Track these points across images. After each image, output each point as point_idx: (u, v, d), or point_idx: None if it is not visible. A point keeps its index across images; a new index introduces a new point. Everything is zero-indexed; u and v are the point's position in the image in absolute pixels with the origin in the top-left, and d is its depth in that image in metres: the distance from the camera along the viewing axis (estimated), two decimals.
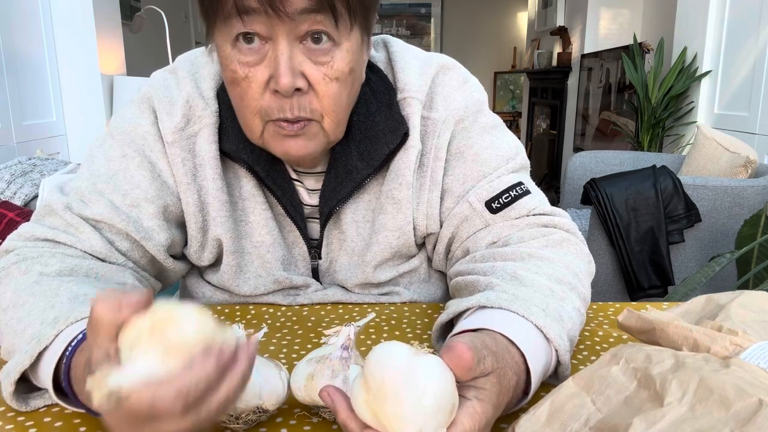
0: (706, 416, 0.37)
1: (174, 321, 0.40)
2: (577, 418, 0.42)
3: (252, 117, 0.64)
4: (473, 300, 0.58)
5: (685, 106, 3.20)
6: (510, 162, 0.75)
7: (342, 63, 0.62)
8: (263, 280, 0.77)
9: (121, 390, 0.38)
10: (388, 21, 7.54)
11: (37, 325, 0.54)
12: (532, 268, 0.63)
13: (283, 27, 0.59)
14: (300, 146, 0.65)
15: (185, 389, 0.38)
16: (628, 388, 0.43)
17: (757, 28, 2.61)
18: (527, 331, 0.53)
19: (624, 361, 0.45)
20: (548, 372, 0.55)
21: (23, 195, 1.86)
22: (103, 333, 0.40)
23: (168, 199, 0.73)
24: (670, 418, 0.37)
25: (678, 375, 0.40)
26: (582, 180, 2.70)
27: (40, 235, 0.67)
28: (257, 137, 0.66)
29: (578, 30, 4.67)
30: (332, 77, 0.62)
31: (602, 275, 2.11)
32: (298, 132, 0.64)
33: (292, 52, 0.60)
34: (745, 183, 2.01)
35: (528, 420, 0.43)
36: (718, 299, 0.60)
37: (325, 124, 0.65)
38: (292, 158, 0.68)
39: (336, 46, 0.62)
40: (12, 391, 0.51)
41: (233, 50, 0.61)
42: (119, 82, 3.02)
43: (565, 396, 0.44)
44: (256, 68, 0.61)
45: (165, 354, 0.39)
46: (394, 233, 0.75)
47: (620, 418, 0.40)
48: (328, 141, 0.68)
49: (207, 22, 0.63)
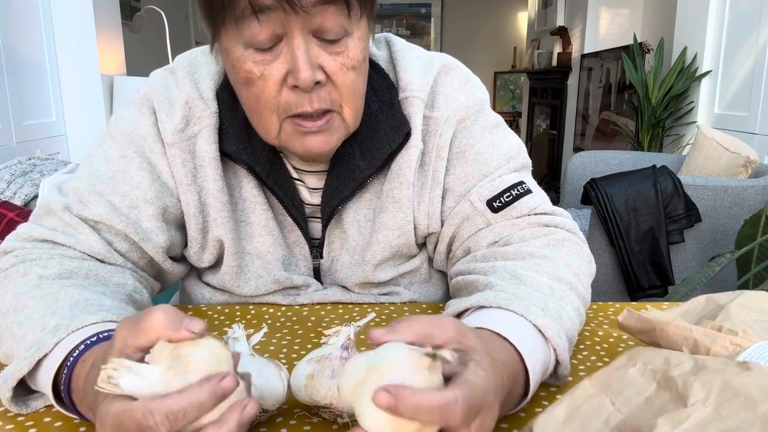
0: (732, 417, 0.37)
1: (195, 344, 0.41)
2: (597, 418, 0.42)
3: (269, 115, 0.64)
4: (472, 300, 0.58)
5: (685, 106, 3.20)
6: (511, 161, 0.75)
7: (356, 51, 0.62)
8: (264, 281, 0.77)
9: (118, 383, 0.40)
10: (388, 21, 7.54)
11: (38, 331, 0.53)
12: (532, 267, 0.62)
13: (298, 21, 0.59)
14: (322, 142, 0.66)
15: (174, 412, 0.38)
16: (647, 390, 0.43)
17: (757, 28, 2.61)
18: (525, 331, 0.53)
19: (641, 363, 0.45)
20: (547, 371, 0.55)
21: (23, 195, 1.86)
22: (144, 340, 0.41)
23: (167, 201, 0.72)
24: (695, 419, 0.37)
25: (700, 377, 0.40)
26: (582, 180, 2.70)
27: (38, 236, 0.67)
28: (273, 137, 0.66)
29: (578, 30, 4.67)
30: (349, 66, 0.62)
31: (602, 275, 2.11)
32: (320, 128, 0.64)
33: (308, 45, 0.60)
34: (745, 183, 2.01)
35: (545, 419, 0.43)
36: (718, 299, 0.60)
37: (344, 114, 0.65)
38: (313, 154, 0.67)
39: (348, 36, 0.62)
40: (10, 397, 0.51)
41: (246, 51, 0.61)
42: (119, 82, 3.02)
43: (582, 396, 0.44)
44: (272, 65, 0.61)
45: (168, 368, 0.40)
46: (395, 232, 0.75)
47: (642, 418, 0.40)
48: (347, 131, 0.68)
49: (213, 25, 0.62)
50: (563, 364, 0.55)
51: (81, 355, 0.49)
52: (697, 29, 3.06)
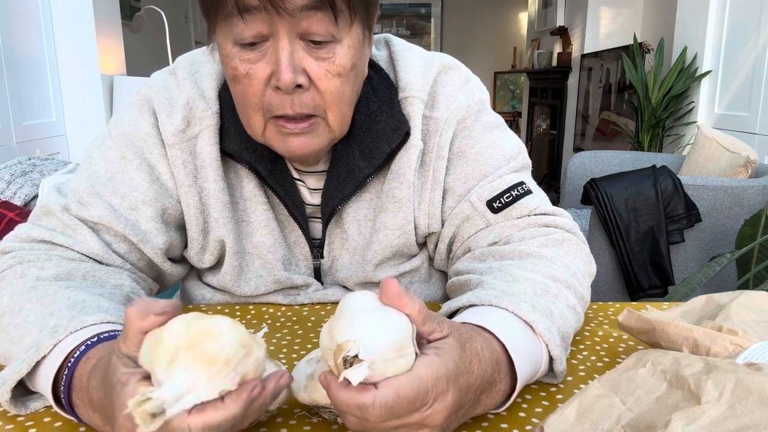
0: (747, 414, 0.37)
1: (210, 335, 0.40)
2: (608, 417, 0.42)
3: (254, 114, 0.64)
4: (463, 299, 0.58)
5: (685, 106, 3.20)
6: (511, 161, 0.75)
7: (344, 59, 0.62)
8: (264, 281, 0.77)
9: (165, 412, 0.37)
10: (388, 21, 7.54)
11: (36, 332, 0.53)
12: (527, 266, 0.63)
13: (283, 24, 0.59)
14: (304, 144, 0.66)
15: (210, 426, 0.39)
16: (658, 389, 0.43)
17: (757, 28, 2.61)
18: (512, 325, 0.53)
19: (651, 363, 0.45)
20: (541, 367, 0.54)
21: (23, 195, 1.86)
22: (130, 339, 0.42)
23: (167, 202, 0.72)
24: (710, 416, 0.38)
25: (712, 376, 0.40)
26: (582, 180, 2.70)
27: (36, 237, 0.67)
28: (259, 134, 0.67)
29: (578, 30, 4.67)
30: (334, 73, 0.62)
31: (602, 275, 2.11)
32: (303, 130, 0.64)
33: (293, 48, 0.60)
34: (745, 183, 2.01)
35: (556, 419, 0.43)
36: (718, 299, 0.60)
37: (329, 119, 0.65)
38: (295, 156, 0.68)
39: (337, 43, 0.62)
40: (9, 398, 0.51)
41: (234, 48, 0.61)
42: (119, 82, 3.02)
43: (592, 396, 0.44)
44: (257, 65, 0.61)
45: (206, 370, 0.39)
46: (395, 232, 0.75)
47: (655, 416, 0.40)
48: (333, 137, 0.68)
49: (208, 22, 0.63)
50: (557, 359, 0.54)
51: (83, 354, 0.49)
52: (697, 29, 3.06)
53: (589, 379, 0.58)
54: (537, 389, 0.56)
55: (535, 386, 0.57)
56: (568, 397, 0.54)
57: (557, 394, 0.55)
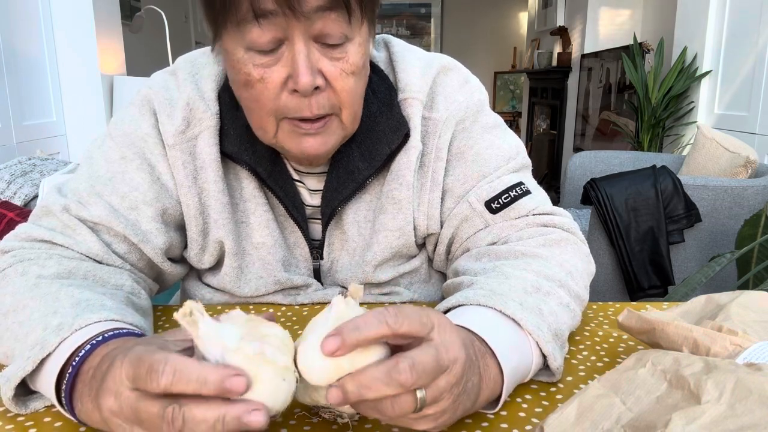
0: (747, 414, 0.37)
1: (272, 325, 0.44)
2: (608, 417, 0.42)
3: (267, 117, 0.64)
4: (453, 300, 0.58)
5: (685, 106, 3.20)
6: (510, 162, 0.75)
7: (356, 57, 0.63)
8: (264, 282, 0.77)
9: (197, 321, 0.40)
10: (388, 21, 7.54)
11: (40, 330, 0.53)
12: (520, 266, 0.63)
13: (299, 26, 0.59)
14: (319, 144, 0.66)
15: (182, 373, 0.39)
16: (658, 389, 0.43)
17: (757, 28, 2.61)
18: (497, 322, 0.53)
19: (651, 364, 0.46)
20: (532, 361, 0.54)
21: (23, 195, 1.86)
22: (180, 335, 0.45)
23: (167, 202, 0.72)
24: (711, 415, 0.38)
25: (713, 376, 0.40)
26: (582, 180, 2.70)
27: (36, 236, 0.67)
28: (270, 137, 0.66)
29: (578, 30, 4.67)
30: (348, 72, 0.63)
31: (602, 275, 2.11)
32: (318, 130, 0.65)
33: (309, 50, 0.60)
34: (745, 183, 2.01)
35: (556, 419, 0.43)
36: (718, 299, 0.60)
37: (343, 117, 0.66)
38: (308, 157, 0.67)
39: (349, 41, 0.62)
40: (11, 396, 0.51)
41: (246, 53, 0.61)
42: (119, 82, 3.02)
43: (592, 396, 0.44)
44: (272, 69, 0.61)
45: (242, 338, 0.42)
46: (395, 233, 0.75)
47: (655, 416, 0.40)
48: (346, 134, 0.68)
49: (215, 27, 0.62)
50: (551, 356, 0.54)
51: (90, 353, 0.49)
52: (697, 29, 3.06)
53: (589, 379, 0.58)
54: (537, 389, 0.56)
55: (535, 386, 0.57)
56: (568, 397, 0.54)
57: (557, 394, 0.55)
